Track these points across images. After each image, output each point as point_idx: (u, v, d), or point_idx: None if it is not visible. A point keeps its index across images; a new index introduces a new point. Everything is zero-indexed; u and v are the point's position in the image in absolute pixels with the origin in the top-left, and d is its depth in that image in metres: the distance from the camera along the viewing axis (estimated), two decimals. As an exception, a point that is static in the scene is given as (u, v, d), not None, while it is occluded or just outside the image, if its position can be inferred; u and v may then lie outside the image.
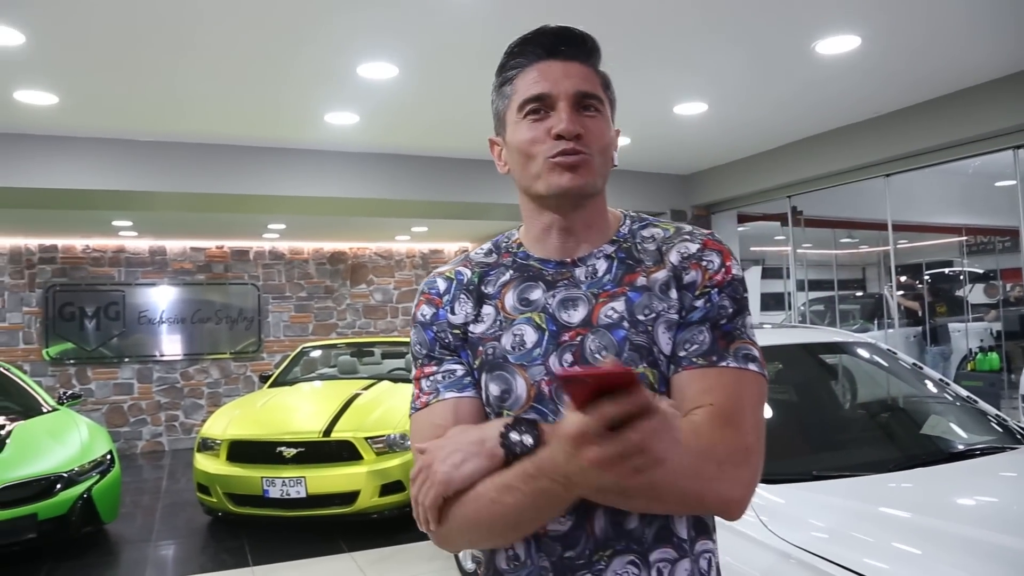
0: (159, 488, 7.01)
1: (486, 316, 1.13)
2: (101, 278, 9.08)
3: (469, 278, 1.17)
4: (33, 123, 4.68)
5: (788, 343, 3.31)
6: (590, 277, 1.11)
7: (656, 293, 1.08)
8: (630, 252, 1.13)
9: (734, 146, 6.03)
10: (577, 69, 1.09)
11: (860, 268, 12.81)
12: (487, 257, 1.20)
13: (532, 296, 1.12)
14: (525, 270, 1.14)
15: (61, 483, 4.69)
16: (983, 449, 2.62)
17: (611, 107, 1.14)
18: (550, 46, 1.09)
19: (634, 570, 1.03)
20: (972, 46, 3.92)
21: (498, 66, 1.14)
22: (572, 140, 1.05)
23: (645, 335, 1.05)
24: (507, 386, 1.08)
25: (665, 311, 1.07)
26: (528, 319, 1.10)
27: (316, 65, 3.84)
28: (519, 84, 1.10)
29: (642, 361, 1.04)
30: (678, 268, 1.09)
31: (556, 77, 1.07)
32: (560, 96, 1.07)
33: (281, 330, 9.88)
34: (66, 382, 8.76)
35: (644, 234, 1.15)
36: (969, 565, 1.72)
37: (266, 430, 5.26)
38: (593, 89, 1.09)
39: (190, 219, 7.66)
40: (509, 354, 1.09)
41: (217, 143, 5.38)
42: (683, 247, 1.11)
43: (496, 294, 1.14)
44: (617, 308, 1.07)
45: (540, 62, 1.09)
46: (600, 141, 1.08)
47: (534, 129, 1.07)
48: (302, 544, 4.93)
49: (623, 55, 3.88)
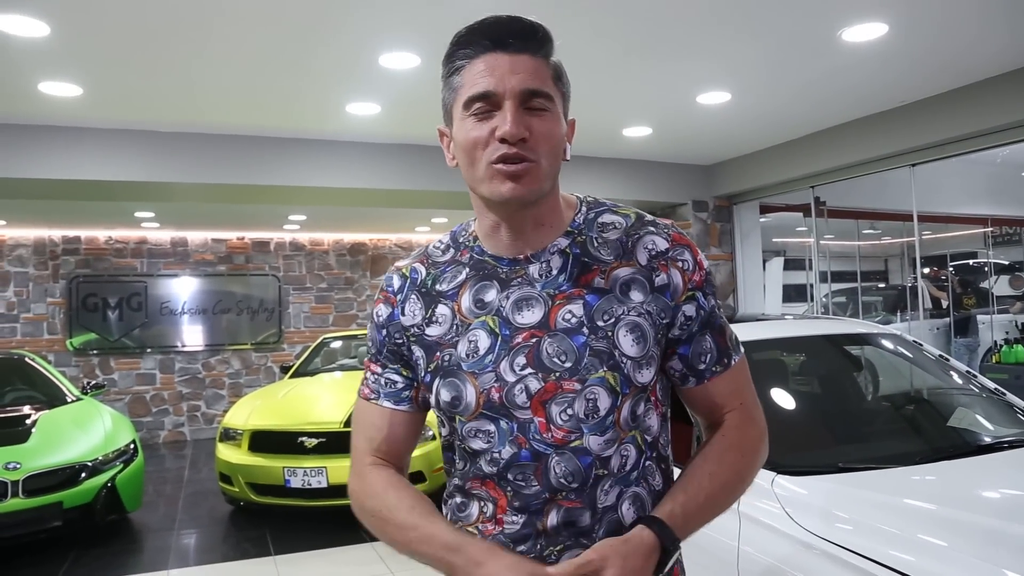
0: (181, 478, 7.08)
1: (442, 318, 1.12)
2: (124, 269, 9.18)
3: (423, 278, 1.16)
4: (57, 115, 4.72)
5: (812, 334, 3.29)
6: (544, 275, 1.09)
7: (616, 295, 1.07)
8: (585, 248, 1.11)
9: (757, 136, 5.96)
10: (526, 63, 1.02)
11: (883, 260, 12.68)
12: (444, 253, 1.18)
13: (487, 298, 1.10)
14: (481, 267, 1.13)
15: (86, 472, 4.75)
16: (1011, 442, 2.57)
17: (564, 100, 1.09)
18: (498, 37, 1.03)
19: None
20: (1000, 33, 3.83)
21: (445, 54, 1.08)
22: (516, 144, 1.00)
23: (605, 340, 1.06)
24: (457, 393, 1.08)
25: (625, 314, 1.07)
26: (483, 323, 1.09)
27: (338, 55, 3.84)
28: (466, 77, 1.04)
29: (602, 366, 1.05)
30: (647, 268, 1.08)
31: (503, 72, 1.01)
32: (506, 94, 1.01)
33: (302, 321, 9.94)
34: (89, 372, 8.88)
35: (603, 221, 1.13)
36: (994, 556, 1.69)
37: (288, 420, 5.29)
38: (542, 85, 1.03)
39: (211, 210, 7.71)
40: (463, 361, 1.09)
41: (238, 134, 5.40)
42: (650, 242, 1.10)
43: (453, 294, 1.13)
44: (575, 312, 1.07)
45: (487, 54, 1.03)
46: (548, 142, 1.03)
47: (479, 129, 1.03)
48: (323, 534, 4.96)
49: (645, 45, 3.84)
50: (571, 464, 1.05)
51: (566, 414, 1.05)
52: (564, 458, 1.05)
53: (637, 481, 1.10)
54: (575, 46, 3.80)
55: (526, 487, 1.06)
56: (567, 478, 1.04)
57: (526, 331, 1.07)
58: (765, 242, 7.84)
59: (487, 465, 1.08)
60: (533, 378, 1.05)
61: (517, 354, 1.07)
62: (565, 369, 1.05)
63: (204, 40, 3.58)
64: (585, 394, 1.05)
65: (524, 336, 1.07)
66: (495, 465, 1.08)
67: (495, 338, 1.08)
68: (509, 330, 1.08)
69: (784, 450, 2.48)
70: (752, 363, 3.20)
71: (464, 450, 1.11)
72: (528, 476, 1.06)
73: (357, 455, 1.18)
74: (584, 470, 1.05)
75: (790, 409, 2.83)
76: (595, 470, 1.05)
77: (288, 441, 5.13)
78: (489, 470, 1.08)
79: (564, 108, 1.09)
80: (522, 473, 1.06)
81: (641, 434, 1.09)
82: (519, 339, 1.07)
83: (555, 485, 1.05)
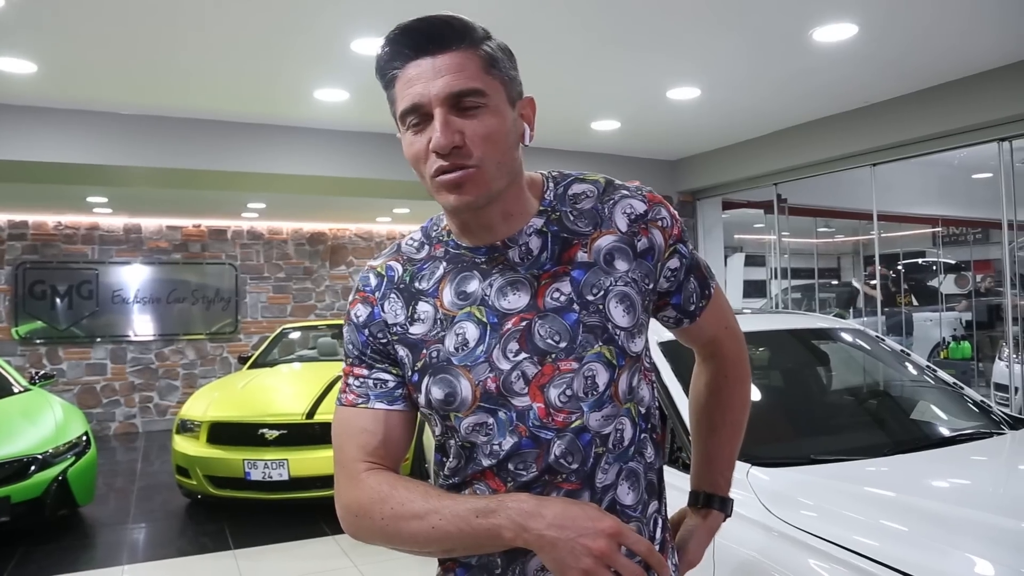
0: (134, 470, 6.91)
1: (424, 315, 1.08)
2: (74, 256, 8.89)
3: (400, 275, 1.11)
4: (10, 92, 4.52)
5: (778, 329, 3.35)
6: (525, 258, 1.06)
7: (601, 267, 1.06)
8: (561, 222, 1.08)
9: (723, 132, 6.03)
10: (448, 62, 0.97)
11: (835, 257, 12.97)
12: (419, 250, 1.13)
13: (469, 288, 1.07)
14: (458, 260, 1.09)
15: (35, 465, 4.59)
16: (970, 435, 2.67)
17: (506, 85, 1.02)
18: (415, 44, 0.98)
19: None
20: (967, 37, 3.94)
21: (376, 68, 1.03)
22: (450, 155, 0.97)
23: (597, 314, 1.04)
24: (451, 389, 1.05)
25: (613, 285, 1.06)
26: (468, 314, 1.06)
27: (310, 39, 3.74)
28: (397, 90, 1.00)
29: (597, 341, 1.04)
30: (628, 234, 1.08)
31: (427, 79, 0.97)
32: (432, 102, 0.97)
33: (259, 311, 9.76)
34: (36, 362, 8.59)
35: (573, 192, 1.10)
36: (952, 540, 1.78)
37: (248, 412, 5.19)
38: (468, 83, 0.97)
39: (167, 196, 7.51)
40: (453, 356, 1.05)
41: (201, 118, 5.25)
42: (627, 206, 1.09)
43: (433, 290, 1.09)
44: (563, 290, 1.05)
45: (411, 63, 0.98)
46: (487, 141, 0.98)
47: (417, 142, 1.00)
48: (283, 527, 4.88)
49: (619, 38, 3.84)
50: (572, 445, 1.03)
51: (564, 396, 1.03)
52: (565, 440, 1.03)
53: (634, 456, 1.09)
54: (549, 37, 3.78)
55: (526, 474, 1.04)
56: (566, 459, 1.03)
57: (515, 315, 1.05)
58: (726, 238, 7.96)
59: (486, 458, 1.06)
60: (529, 362, 1.03)
61: (508, 340, 1.04)
62: (560, 349, 1.03)
63: (170, 19, 3.46)
64: (583, 372, 1.03)
65: (514, 321, 1.04)
66: (495, 457, 1.05)
67: (483, 327, 1.05)
68: (497, 317, 1.05)
69: (758, 442, 2.54)
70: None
71: (461, 447, 1.08)
72: (528, 463, 1.04)
73: (347, 465, 1.08)
74: (584, 449, 1.04)
75: (764, 403, 2.88)
76: (594, 448, 1.04)
77: (248, 433, 5.03)
78: (488, 463, 1.06)
79: (508, 93, 1.02)
80: (523, 461, 1.04)
81: (636, 406, 1.09)
82: (509, 325, 1.04)
83: (554, 467, 1.04)
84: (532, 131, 1.07)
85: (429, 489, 1.03)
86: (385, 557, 4.36)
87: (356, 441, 1.08)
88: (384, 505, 1.02)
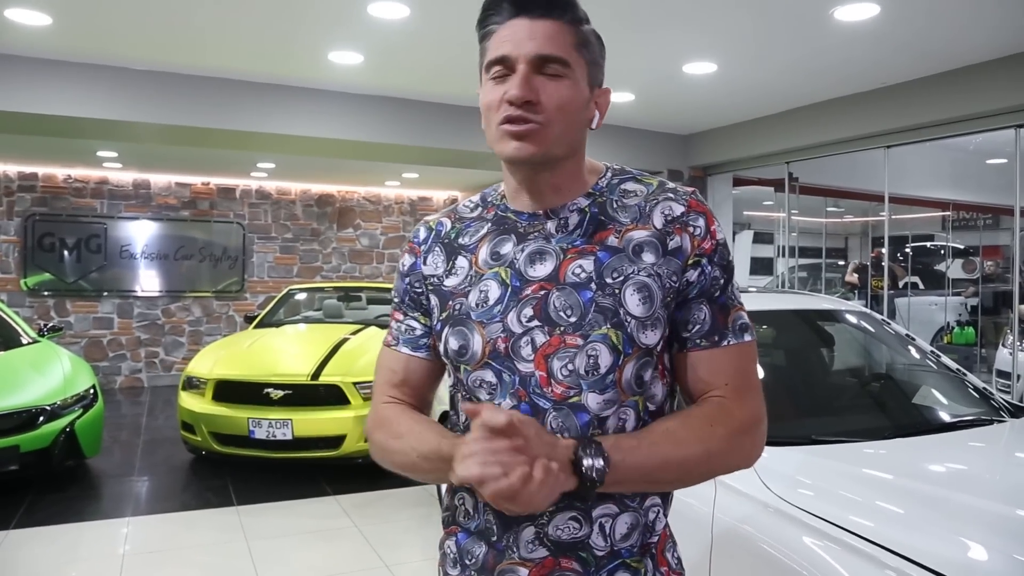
0: (139, 425, 7.00)
1: (460, 269, 1.15)
2: (83, 209, 8.90)
3: (447, 231, 1.20)
4: (23, 44, 4.50)
5: (781, 309, 3.35)
6: (561, 230, 1.11)
7: (628, 254, 1.08)
8: (604, 208, 1.12)
9: (738, 109, 5.98)
10: (545, 28, 1.04)
11: (843, 238, 12.93)
12: (473, 211, 1.21)
13: (503, 250, 1.12)
14: (502, 223, 1.15)
15: (44, 416, 4.65)
16: (970, 421, 2.69)
17: (589, 67, 1.09)
18: (520, 2, 1.05)
19: (575, 525, 1.07)
20: (987, 22, 3.89)
21: (478, 19, 1.11)
22: (521, 107, 1.03)
23: (612, 297, 1.06)
24: (464, 341, 1.11)
25: (635, 274, 1.07)
26: (495, 274, 1.11)
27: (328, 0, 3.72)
28: (491, 43, 1.08)
29: (606, 323, 1.05)
30: (662, 232, 1.09)
31: (521, 38, 1.04)
32: (520, 59, 1.04)
33: (265, 271, 9.80)
34: (44, 314, 8.65)
35: (625, 188, 1.14)
36: (947, 524, 1.82)
37: (254, 371, 5.24)
38: (557, 51, 1.04)
39: (177, 153, 7.50)
40: (472, 311, 1.11)
41: (215, 76, 5.22)
42: (667, 207, 1.10)
43: (473, 247, 1.16)
44: (585, 267, 1.08)
45: (511, 20, 1.06)
46: (560, 107, 1.05)
47: (494, 92, 1.06)
48: (286, 486, 4.96)
49: (635, 11, 3.79)
50: (568, 420, 1.05)
51: (567, 369, 1.05)
52: (562, 414, 1.05)
53: None
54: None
55: None
56: (562, 433, 1.04)
57: (535, 283, 1.08)
58: (735, 214, 7.94)
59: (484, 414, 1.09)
60: (539, 331, 1.06)
61: (525, 306, 1.08)
62: (570, 324, 1.06)
63: (184, -26, 3.43)
64: (587, 350, 1.05)
65: (533, 288, 1.08)
66: None
67: (505, 289, 1.10)
68: (520, 282, 1.09)
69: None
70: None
71: (469, 400, 1.12)
72: None
73: (375, 395, 1.24)
74: (580, 428, 1.05)
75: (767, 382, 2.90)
76: (592, 429, 1.05)
77: (254, 392, 5.08)
78: None
79: (590, 75, 1.09)
80: None
81: (645, 400, 1.09)
82: (528, 291, 1.08)
83: None
84: (602, 119, 1.13)
85: (426, 422, 1.14)
86: (385, 518, 4.44)
87: (383, 376, 1.23)
88: (385, 428, 1.17)
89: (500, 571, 1.10)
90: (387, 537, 4.10)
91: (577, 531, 1.07)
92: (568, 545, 1.07)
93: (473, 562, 1.13)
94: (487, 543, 1.11)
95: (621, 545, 1.08)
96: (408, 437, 1.12)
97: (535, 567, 1.08)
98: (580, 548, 1.07)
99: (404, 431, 1.13)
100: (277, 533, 4.17)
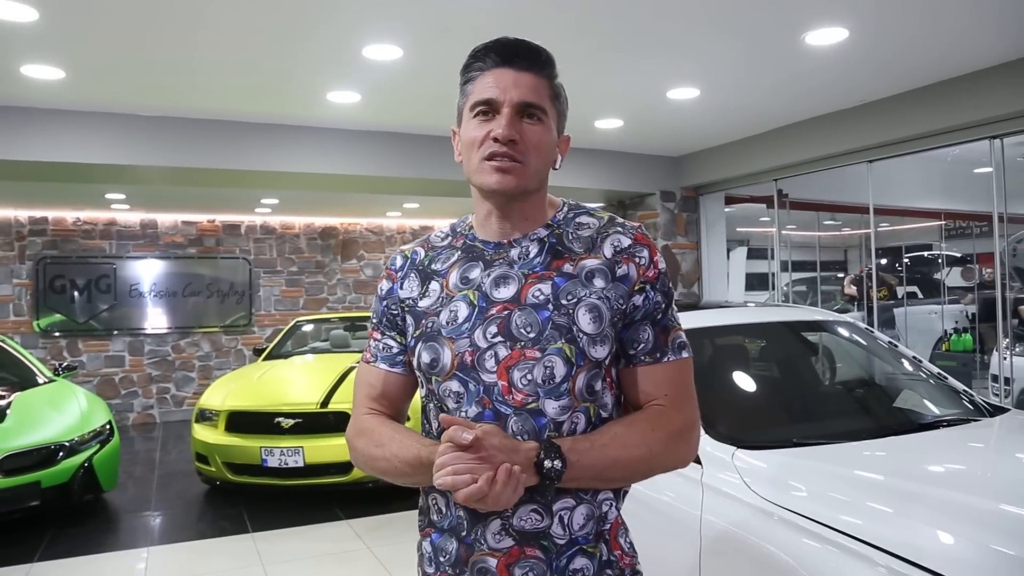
0: (153, 459, 7.12)
1: (432, 292, 1.29)
2: (92, 251, 9.10)
3: (421, 259, 1.34)
4: (38, 97, 4.71)
5: (771, 321, 3.47)
6: (522, 258, 1.26)
7: (581, 280, 1.23)
8: (561, 239, 1.27)
9: (724, 130, 6.16)
10: (528, 79, 1.22)
11: (843, 250, 13.03)
12: (444, 240, 1.36)
13: (471, 275, 1.26)
14: (471, 251, 1.30)
15: (63, 452, 4.79)
16: (950, 421, 2.77)
17: (559, 117, 1.28)
18: (507, 55, 1.22)
19: (537, 516, 1.19)
20: (953, 40, 4.06)
21: (463, 65, 1.28)
22: (506, 144, 1.19)
23: (566, 316, 1.20)
24: (436, 355, 1.24)
25: (586, 296, 1.22)
26: (464, 296, 1.25)
27: (324, 45, 3.91)
28: (476, 86, 1.24)
29: (561, 338, 1.19)
30: (611, 261, 1.25)
31: (506, 85, 1.21)
32: (505, 103, 1.20)
33: (272, 304, 9.97)
34: (57, 354, 8.81)
35: (580, 221, 1.30)
36: (933, 520, 1.87)
37: (264, 401, 5.38)
38: (538, 100, 1.22)
39: (183, 193, 7.70)
40: (443, 328, 1.24)
41: (220, 119, 5.43)
42: (616, 239, 1.26)
43: (444, 272, 1.30)
44: (544, 290, 1.22)
45: (496, 68, 1.22)
46: (537, 148, 1.22)
47: (479, 129, 1.22)
48: (299, 512, 5.07)
49: (621, 41, 3.97)
50: (527, 424, 1.19)
51: (526, 379, 1.19)
52: (521, 418, 1.19)
53: None
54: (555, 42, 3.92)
55: None
56: (523, 436, 1.18)
57: (500, 304, 1.22)
58: (729, 231, 8.07)
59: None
60: (502, 346, 1.21)
61: (490, 324, 1.21)
62: (529, 339, 1.20)
63: (192, 25, 3.62)
64: (544, 362, 1.19)
65: (498, 309, 1.22)
66: None
67: (473, 309, 1.23)
68: (486, 303, 1.23)
69: (743, 427, 2.67)
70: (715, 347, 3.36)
71: (438, 409, 1.27)
72: None
73: (356, 407, 1.35)
74: (539, 431, 1.19)
75: (750, 390, 3.03)
76: (548, 431, 1.19)
77: (265, 422, 5.22)
78: None
79: (559, 125, 1.28)
80: None
81: (596, 407, 1.24)
82: (494, 311, 1.22)
83: None
84: (562, 160, 1.32)
85: (404, 432, 1.27)
86: (396, 539, 4.55)
87: (363, 391, 1.35)
88: (367, 437, 1.29)
89: (472, 562, 1.21)
90: (399, 558, 4.21)
91: (539, 522, 1.19)
92: (532, 535, 1.19)
93: (447, 558, 1.24)
94: (458, 539, 1.23)
95: (578, 534, 1.21)
96: (390, 445, 1.24)
97: (503, 556, 1.19)
98: (542, 537, 1.19)
99: (385, 440, 1.25)
100: (292, 557, 4.28)
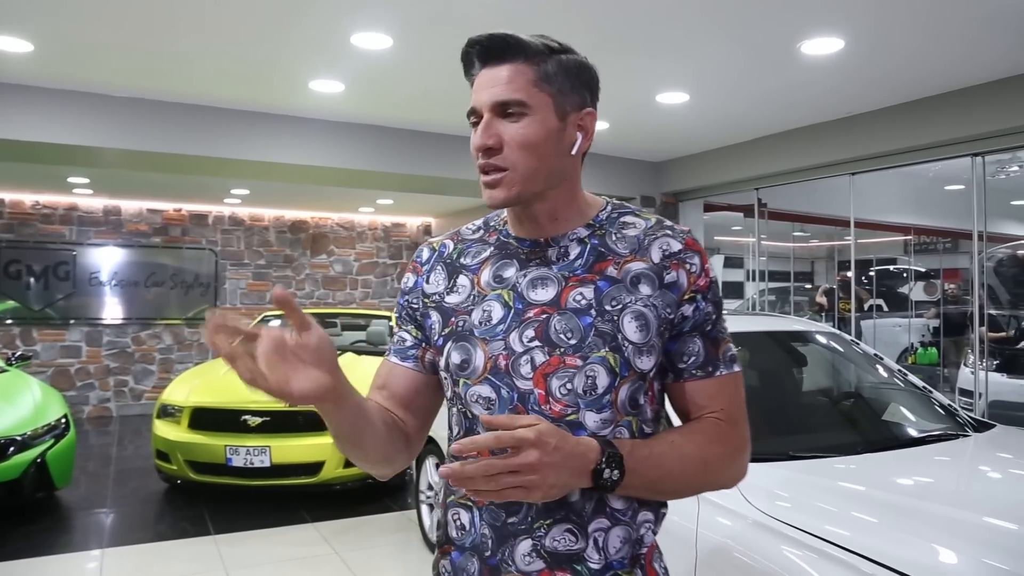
0: (109, 455, 6.87)
1: (461, 288, 1.20)
2: (51, 236, 8.78)
3: (450, 251, 1.26)
4: (2, 71, 4.49)
5: (757, 330, 3.45)
6: (561, 259, 1.16)
7: (626, 285, 1.13)
8: (604, 240, 1.17)
9: (709, 137, 6.14)
10: (502, 74, 1.10)
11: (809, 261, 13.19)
12: (475, 233, 1.27)
13: (505, 274, 1.18)
14: (504, 248, 1.21)
15: (14, 447, 4.56)
16: (937, 436, 2.82)
17: (556, 97, 1.12)
18: (482, 55, 1.13)
19: (571, 538, 1.10)
20: (949, 57, 4.07)
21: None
22: (486, 154, 1.11)
23: (611, 323, 1.11)
24: (467, 356, 1.15)
25: (632, 303, 1.12)
26: (498, 296, 1.16)
27: (311, 30, 3.76)
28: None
29: (605, 346, 1.10)
30: (659, 266, 1.14)
31: (482, 88, 1.12)
32: (483, 108, 1.11)
33: (238, 297, 9.72)
34: (9, 343, 8.48)
35: (624, 221, 1.20)
36: (929, 535, 1.92)
37: (230, 398, 5.19)
38: (512, 94, 1.09)
39: (150, 180, 7.45)
40: (476, 328, 1.16)
41: (195, 103, 5.23)
42: (665, 243, 1.15)
43: (475, 267, 1.21)
44: (586, 294, 1.13)
45: (480, 71, 1.14)
46: (522, 147, 1.09)
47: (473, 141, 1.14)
48: (264, 514, 4.91)
49: (615, 42, 3.91)
50: None
51: (565, 388, 1.10)
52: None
53: None
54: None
55: None
56: None
57: (538, 307, 1.13)
58: (706, 240, 8.09)
59: (484, 431, 1.10)
60: (539, 351, 1.11)
61: (527, 327, 1.12)
62: (570, 345, 1.11)
63: (168, 3, 3.46)
64: (585, 371, 1.10)
65: (536, 312, 1.13)
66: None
67: (508, 310, 1.14)
68: (522, 304, 1.14)
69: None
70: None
71: (463, 415, 1.16)
72: None
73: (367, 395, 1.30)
74: None
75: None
76: None
77: (231, 419, 5.04)
78: None
79: (558, 107, 1.12)
80: None
81: (639, 422, 1.15)
82: (531, 314, 1.13)
83: None
84: (588, 142, 1.17)
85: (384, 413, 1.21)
86: (364, 544, 4.42)
87: (375, 380, 1.29)
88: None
89: None
90: (367, 563, 4.09)
91: (573, 544, 1.10)
92: (564, 557, 1.10)
93: None
94: (480, 559, 1.14)
95: (614, 557, 1.12)
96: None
97: None
98: (575, 560, 1.10)
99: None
100: (256, 562, 4.13)
